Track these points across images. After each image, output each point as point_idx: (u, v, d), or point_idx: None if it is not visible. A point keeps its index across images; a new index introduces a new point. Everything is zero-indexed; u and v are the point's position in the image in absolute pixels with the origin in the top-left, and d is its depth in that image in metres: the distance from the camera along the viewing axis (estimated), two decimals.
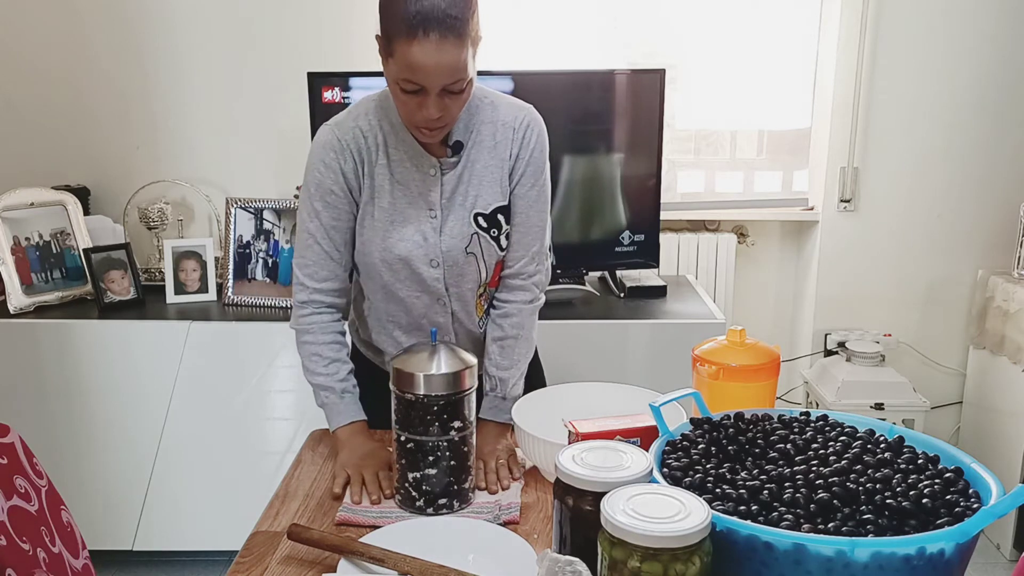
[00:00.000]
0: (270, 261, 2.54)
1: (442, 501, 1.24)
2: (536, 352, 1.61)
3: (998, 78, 2.80)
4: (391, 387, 1.23)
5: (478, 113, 1.40)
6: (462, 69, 1.23)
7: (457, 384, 1.21)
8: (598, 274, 2.76)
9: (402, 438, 1.23)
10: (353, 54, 2.69)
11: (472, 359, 1.25)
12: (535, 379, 1.63)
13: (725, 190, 3.04)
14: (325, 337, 1.43)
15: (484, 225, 1.42)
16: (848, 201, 2.91)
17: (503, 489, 1.31)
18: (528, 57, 2.81)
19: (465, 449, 1.25)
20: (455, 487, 1.25)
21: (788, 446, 1.03)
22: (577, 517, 0.98)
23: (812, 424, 1.11)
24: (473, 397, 1.25)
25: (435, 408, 1.20)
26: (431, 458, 1.22)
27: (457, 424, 1.22)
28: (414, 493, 1.24)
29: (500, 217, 1.43)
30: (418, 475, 1.23)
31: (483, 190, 1.41)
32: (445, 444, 1.22)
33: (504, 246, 1.45)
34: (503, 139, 1.40)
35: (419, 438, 1.21)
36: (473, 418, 1.26)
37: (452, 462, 1.23)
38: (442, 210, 1.40)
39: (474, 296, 1.48)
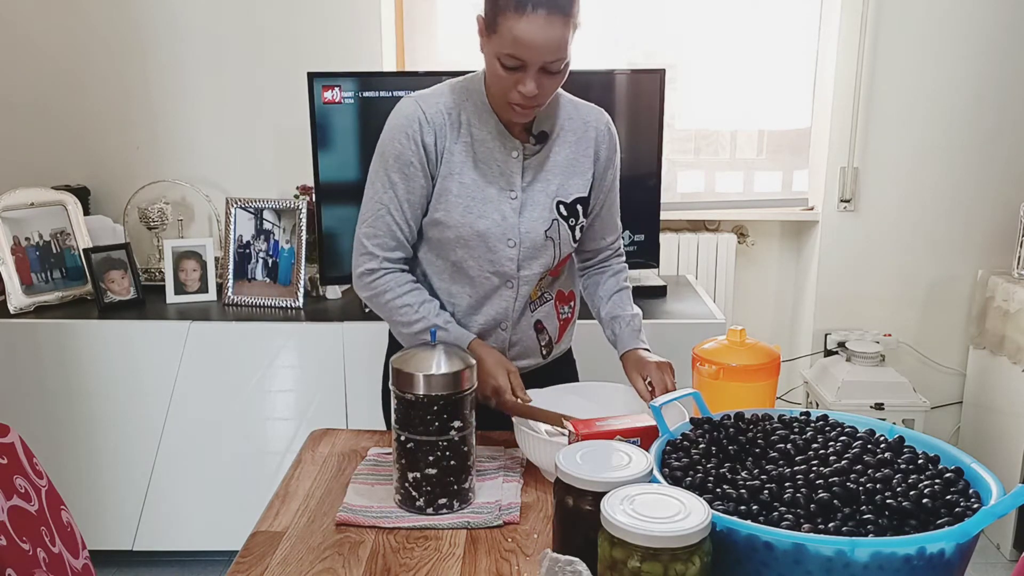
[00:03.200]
0: (270, 261, 2.54)
1: (442, 501, 1.23)
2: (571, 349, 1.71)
3: (998, 78, 2.80)
4: (391, 387, 1.23)
5: (560, 109, 1.47)
6: (564, 48, 1.28)
7: (457, 384, 1.21)
8: None
9: (402, 438, 1.22)
10: (353, 54, 2.69)
11: (471, 359, 1.24)
12: (567, 373, 1.69)
13: (725, 190, 3.04)
14: (404, 288, 1.44)
15: (564, 213, 1.48)
16: (848, 201, 2.91)
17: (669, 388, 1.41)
18: None
19: (465, 449, 1.24)
20: (455, 487, 1.24)
21: (788, 446, 1.03)
22: (577, 517, 0.98)
23: (812, 424, 1.11)
24: (473, 397, 1.25)
25: (435, 408, 1.20)
26: (431, 458, 1.22)
27: (457, 424, 1.22)
28: (414, 493, 1.23)
29: (579, 207, 1.49)
30: (418, 475, 1.22)
31: (566, 180, 1.47)
32: (445, 444, 1.21)
33: (578, 237, 1.52)
34: (586, 136, 1.49)
35: (419, 438, 1.21)
36: (473, 418, 1.26)
37: (452, 462, 1.22)
38: (522, 192, 1.45)
39: (536, 280, 1.52)
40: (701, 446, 1.05)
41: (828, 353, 3.00)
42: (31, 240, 2.49)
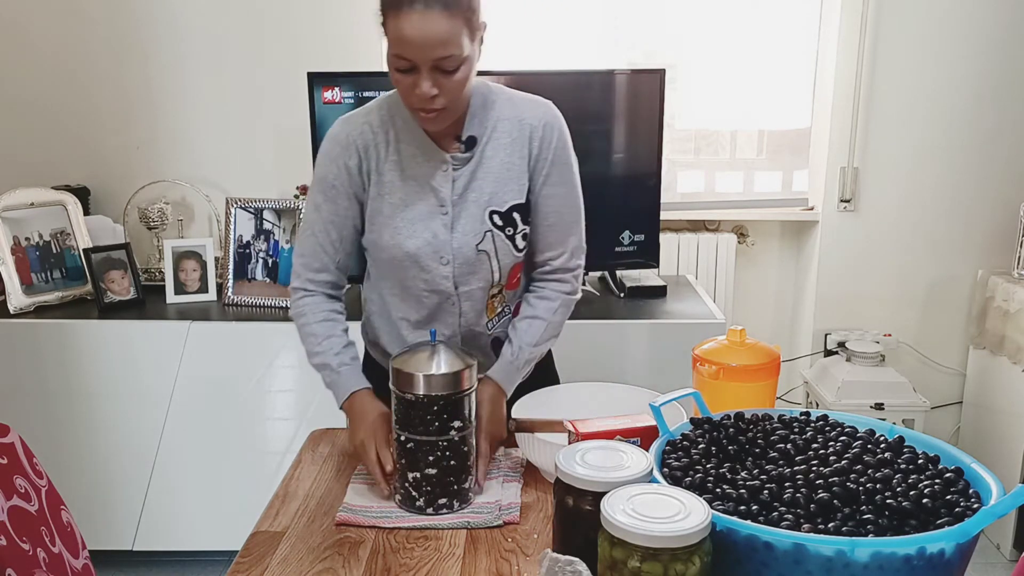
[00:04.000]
0: (270, 261, 2.54)
1: (442, 501, 1.23)
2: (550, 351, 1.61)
3: (998, 78, 2.80)
4: (391, 387, 1.23)
5: (494, 108, 1.39)
6: (451, 44, 1.21)
7: (457, 384, 1.21)
8: (598, 274, 2.76)
9: (402, 438, 1.23)
10: (353, 54, 2.69)
11: (472, 359, 1.25)
12: (549, 376, 1.61)
13: (725, 190, 3.04)
14: (318, 316, 1.42)
15: (499, 223, 1.40)
16: (848, 201, 2.91)
17: (478, 486, 1.30)
18: (528, 57, 2.81)
19: (465, 449, 1.24)
20: (455, 487, 1.24)
21: (788, 446, 1.03)
22: (577, 517, 0.98)
23: (812, 424, 1.11)
24: (473, 397, 1.25)
25: (435, 408, 1.20)
26: (431, 458, 1.22)
27: (457, 424, 1.22)
28: (414, 493, 1.23)
29: (516, 216, 1.41)
30: (418, 475, 1.22)
31: (500, 187, 1.39)
32: (445, 444, 1.22)
33: (520, 248, 1.43)
34: (520, 136, 1.39)
35: (419, 438, 1.21)
36: (474, 418, 1.26)
37: (452, 462, 1.23)
38: (453, 206, 1.38)
39: (486, 296, 1.46)
40: (701, 446, 1.05)
41: (828, 353, 3.00)
42: (31, 240, 2.49)
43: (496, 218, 1.39)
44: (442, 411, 1.20)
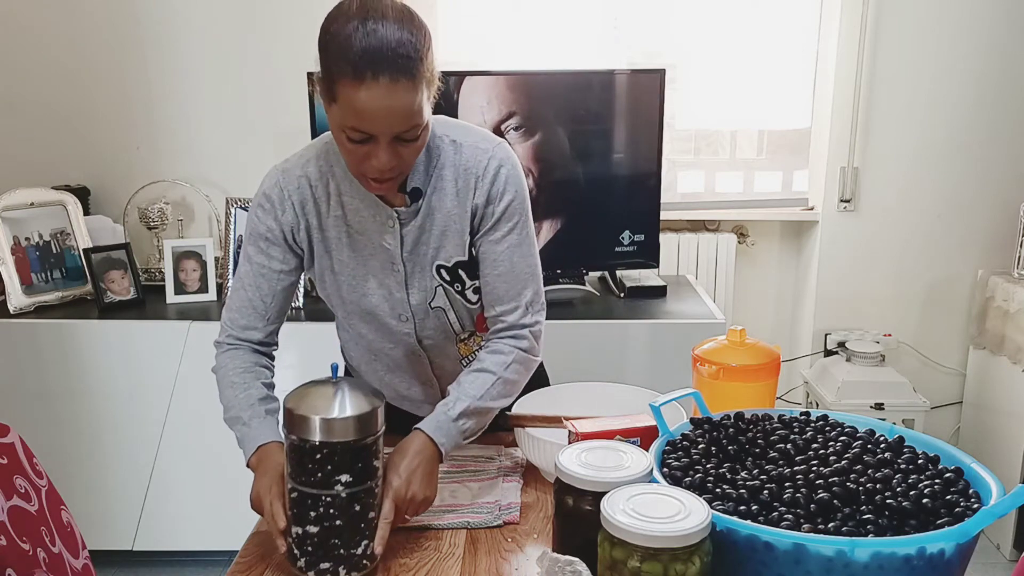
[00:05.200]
0: None
1: (324, 566, 1.05)
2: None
3: (998, 78, 2.80)
4: (282, 430, 1.07)
5: (439, 155, 1.25)
6: (416, 115, 1.09)
7: (347, 432, 1.03)
8: (598, 274, 2.76)
9: (289, 486, 1.07)
10: None
11: (379, 400, 1.08)
12: (538, 379, 1.56)
13: (725, 190, 3.03)
14: (237, 368, 1.28)
15: (447, 278, 1.30)
16: (848, 201, 2.91)
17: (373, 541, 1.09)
18: (528, 57, 2.81)
19: (357, 508, 1.05)
20: (341, 551, 1.05)
21: (788, 446, 1.03)
22: (577, 517, 0.98)
23: (812, 424, 1.11)
24: (377, 446, 1.08)
25: (317, 457, 1.03)
26: (312, 514, 1.04)
27: (345, 478, 1.03)
28: (296, 551, 1.07)
29: (461, 272, 1.30)
30: (300, 531, 1.06)
31: (445, 241, 1.28)
32: (329, 500, 1.03)
33: (474, 300, 1.33)
34: (465, 186, 1.25)
35: (302, 489, 1.04)
36: (376, 472, 1.08)
37: (337, 522, 1.04)
38: (405, 264, 1.28)
39: (454, 344, 1.39)
40: (701, 446, 1.05)
41: (828, 353, 3.00)
42: (31, 240, 2.49)
43: (444, 273, 1.30)
44: (326, 461, 1.03)
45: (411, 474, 1.14)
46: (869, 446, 1.03)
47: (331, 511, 1.04)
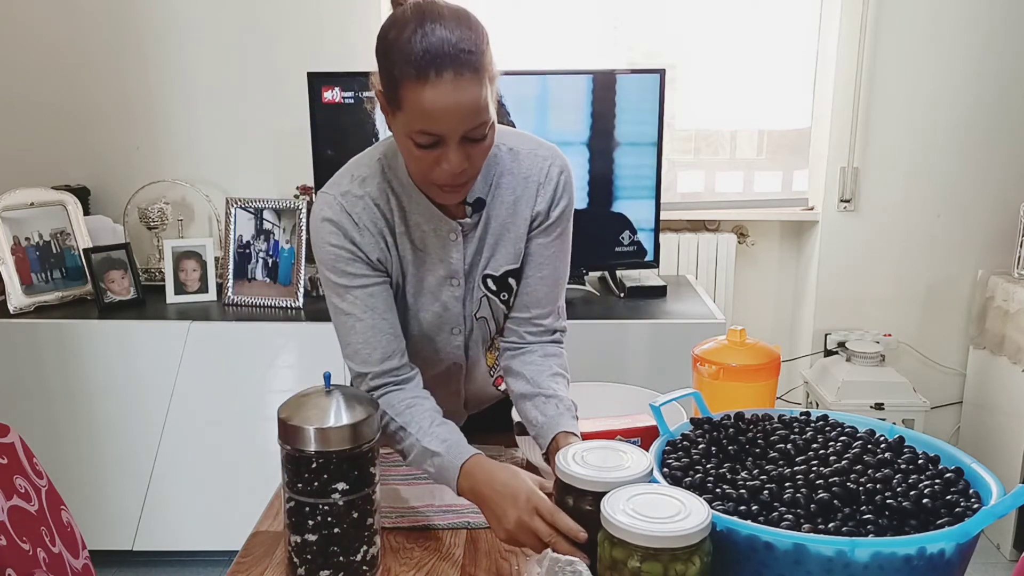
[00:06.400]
0: (270, 261, 2.54)
1: (324, 573, 1.05)
2: None
3: (998, 78, 2.80)
4: (278, 441, 1.05)
5: (497, 164, 1.24)
6: (483, 110, 1.07)
7: (343, 441, 1.02)
8: (598, 274, 2.76)
9: (286, 496, 1.06)
10: (353, 54, 2.69)
11: (372, 408, 1.06)
12: None
13: (725, 190, 3.04)
14: (398, 409, 1.20)
15: (493, 288, 1.28)
16: (848, 201, 2.91)
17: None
18: (528, 57, 2.81)
19: (355, 515, 1.05)
20: (340, 558, 1.05)
21: (788, 446, 1.03)
22: (577, 517, 0.98)
23: (812, 424, 1.11)
24: (373, 453, 1.07)
25: (313, 466, 1.02)
26: (311, 523, 1.04)
27: (342, 487, 1.03)
28: (295, 559, 1.06)
29: (511, 280, 1.29)
30: (299, 539, 1.05)
31: (498, 250, 1.26)
32: (327, 508, 1.03)
33: (512, 305, 1.32)
34: (524, 194, 1.24)
35: (299, 498, 1.04)
36: (373, 479, 1.07)
37: (336, 529, 1.04)
38: (464, 277, 1.27)
39: (485, 353, 1.40)
40: (701, 446, 1.05)
41: (828, 353, 3.00)
42: (31, 240, 2.49)
43: (490, 282, 1.28)
44: (322, 470, 1.02)
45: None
46: (869, 446, 1.03)
47: (329, 519, 1.03)
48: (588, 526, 0.96)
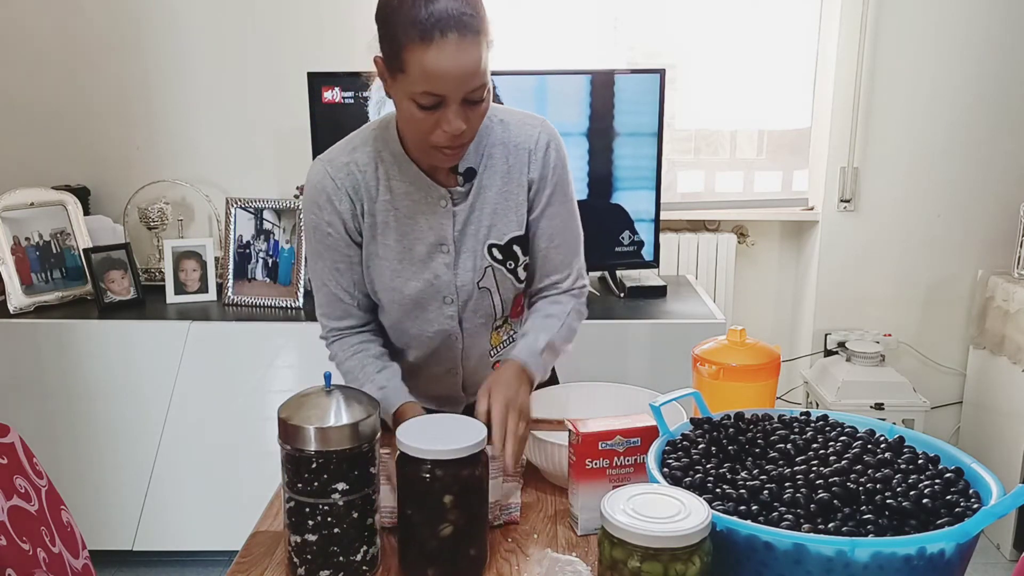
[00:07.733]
0: (270, 261, 2.54)
1: (324, 573, 1.05)
2: None
3: (998, 78, 2.80)
4: (278, 441, 1.05)
5: (489, 134, 1.30)
6: (483, 72, 1.13)
7: (342, 440, 1.02)
8: (598, 274, 2.76)
9: (286, 495, 1.06)
10: (353, 54, 2.68)
11: (372, 409, 1.06)
12: (549, 377, 1.56)
13: (725, 190, 3.04)
14: (347, 353, 1.36)
15: (499, 257, 1.33)
16: (848, 201, 2.91)
17: (504, 458, 1.16)
18: (528, 57, 2.81)
19: (355, 515, 1.04)
20: (340, 558, 1.05)
21: (788, 446, 1.03)
22: (412, 485, 1.00)
23: (812, 424, 1.11)
24: (373, 453, 1.07)
25: (313, 466, 1.02)
26: (311, 523, 1.03)
27: (341, 487, 1.02)
28: (295, 559, 1.06)
29: (516, 248, 1.34)
30: (299, 539, 1.05)
31: (498, 219, 1.31)
32: (326, 508, 1.03)
33: (522, 278, 1.37)
34: (517, 162, 1.31)
35: (300, 498, 1.03)
36: (373, 479, 1.07)
37: (336, 529, 1.04)
38: (455, 244, 1.31)
39: (489, 331, 1.41)
40: (701, 446, 1.05)
41: (828, 353, 3.00)
42: (31, 240, 2.49)
43: (495, 252, 1.32)
44: (322, 470, 1.02)
45: (515, 391, 1.22)
46: (869, 446, 1.03)
47: (329, 519, 1.03)
48: (426, 492, 1.00)
